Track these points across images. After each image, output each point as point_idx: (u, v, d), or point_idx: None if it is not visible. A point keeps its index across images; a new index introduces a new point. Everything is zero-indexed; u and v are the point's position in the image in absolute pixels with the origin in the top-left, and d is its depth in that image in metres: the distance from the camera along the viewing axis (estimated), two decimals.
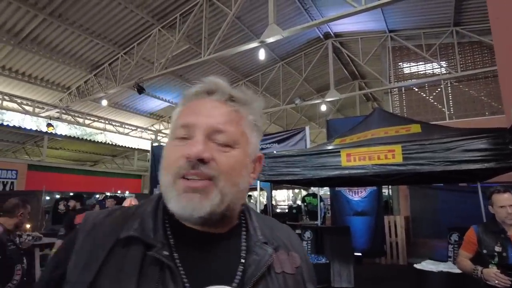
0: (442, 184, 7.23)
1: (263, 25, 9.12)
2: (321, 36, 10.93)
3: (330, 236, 5.80)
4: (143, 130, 15.38)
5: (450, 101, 9.60)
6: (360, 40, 10.57)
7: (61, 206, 10.37)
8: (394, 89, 10.22)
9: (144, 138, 15.80)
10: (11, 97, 10.82)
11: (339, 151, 4.03)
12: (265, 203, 9.16)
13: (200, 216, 0.59)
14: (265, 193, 11.17)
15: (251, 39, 9.43)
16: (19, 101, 11.09)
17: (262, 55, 8.12)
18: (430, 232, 7.38)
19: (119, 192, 12.56)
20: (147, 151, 14.91)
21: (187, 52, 10.01)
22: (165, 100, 13.19)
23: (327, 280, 4.42)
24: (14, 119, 20.26)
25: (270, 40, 6.49)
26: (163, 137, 16.13)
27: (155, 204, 0.67)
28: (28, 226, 6.26)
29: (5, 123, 12.54)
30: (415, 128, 4.48)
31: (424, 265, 3.75)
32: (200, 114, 0.64)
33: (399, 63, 10.41)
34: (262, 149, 9.00)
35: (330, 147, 4.33)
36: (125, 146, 15.39)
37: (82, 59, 9.97)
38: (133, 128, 14.99)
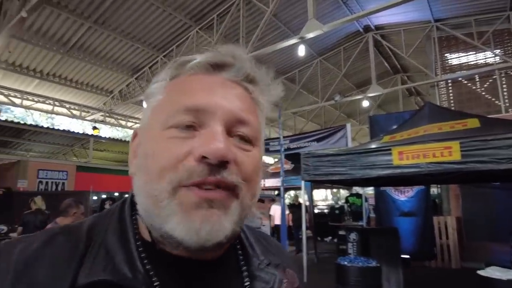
0: (498, 183, 6.67)
1: (300, 21, 8.95)
2: (361, 30, 10.53)
3: (377, 238, 5.53)
4: None
5: (505, 92, 8.85)
6: (403, 31, 10.05)
7: (107, 206, 10.85)
8: (441, 82, 9.60)
9: None
10: (61, 103, 11.47)
11: (390, 149, 3.80)
12: (302, 202, 8.99)
13: (218, 242, 0.41)
14: (301, 192, 10.98)
15: (288, 36, 9.27)
16: (67, 106, 11.74)
17: (301, 51, 7.96)
18: (487, 235, 6.85)
19: None
20: None
21: None
22: None
23: (378, 285, 4.19)
24: (62, 123, 21.58)
25: (310, 35, 6.31)
26: None
27: (120, 224, 0.46)
28: None
29: (55, 127, 13.33)
30: (473, 123, 4.14)
31: (490, 271, 3.42)
32: (213, 94, 0.44)
33: (446, 54, 9.76)
34: (300, 148, 8.84)
35: (379, 145, 4.10)
36: None
37: (123, 63, 10.35)
38: None
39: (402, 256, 5.98)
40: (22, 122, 12.25)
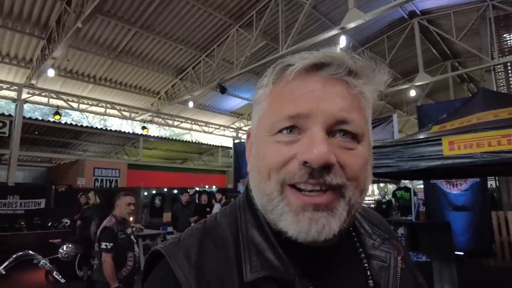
0: None
1: (340, 11, 8.75)
2: (405, 16, 10.03)
3: (427, 233, 5.30)
4: (225, 128, 16.08)
5: None
6: (453, 14, 9.41)
7: (157, 201, 11.46)
8: (498, 66, 8.88)
9: (226, 136, 16.53)
10: (112, 105, 12.24)
11: (440, 139, 3.61)
12: None
13: (328, 239, 0.46)
14: None
15: (328, 27, 9.10)
16: (118, 107, 12.50)
17: (343, 42, 7.77)
18: None
19: (207, 187, 13.36)
20: (229, 148, 15.60)
21: (264, 49, 10.12)
22: (244, 98, 13.57)
23: (428, 280, 4.02)
24: (114, 124, 23.03)
25: (352, 25, 6.16)
26: (243, 134, 16.66)
27: (256, 222, 0.51)
28: (131, 219, 7.04)
29: (108, 128, 14.28)
30: None
31: None
32: (313, 98, 0.46)
33: (505, 35, 8.99)
34: None
35: (428, 135, 3.92)
36: (210, 144, 16.32)
37: (168, 65, 10.79)
38: (216, 127, 15.77)
39: (456, 252, 5.68)
40: (79, 124, 13.28)
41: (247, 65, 8.72)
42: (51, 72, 8.37)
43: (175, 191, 12.40)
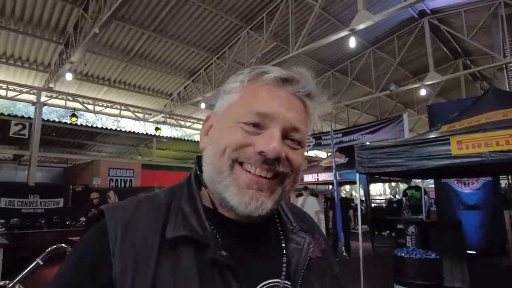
0: None
1: (349, 12, 8.81)
2: (415, 15, 10.02)
3: (438, 232, 5.34)
4: None
5: None
6: (464, 12, 9.38)
7: None
8: (511, 64, 8.82)
9: None
10: (126, 107, 12.54)
11: (448, 139, 3.70)
12: (359, 198, 8.86)
13: (260, 215, 0.56)
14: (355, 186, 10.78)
15: (338, 28, 9.18)
16: (132, 109, 12.79)
17: (352, 43, 7.84)
18: None
19: None
20: None
21: (274, 50, 10.25)
22: None
23: (438, 277, 4.08)
24: (127, 125, 23.46)
25: (361, 26, 6.24)
26: None
27: (190, 195, 0.61)
28: None
29: (122, 130, 14.59)
30: None
31: None
32: (280, 106, 0.57)
33: None
34: (353, 140, 8.73)
35: (436, 135, 3.99)
36: None
37: (181, 67, 11.02)
38: None
39: (468, 251, 5.70)
40: (94, 126, 13.61)
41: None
42: (69, 76, 8.68)
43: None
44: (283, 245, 0.64)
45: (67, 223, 9.12)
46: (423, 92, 11.27)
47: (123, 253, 0.51)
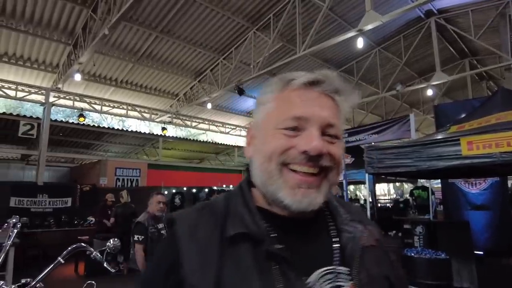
0: None
1: (356, 12, 8.83)
2: (422, 15, 10.01)
3: (446, 232, 5.35)
4: (241, 128, 16.31)
5: None
6: (471, 12, 9.35)
7: (177, 200, 11.75)
8: None
9: (242, 136, 16.76)
10: (133, 107, 12.62)
11: (458, 139, 3.70)
12: (364, 197, 8.89)
13: (313, 209, 0.62)
14: (361, 186, 10.78)
15: (344, 28, 9.20)
16: (139, 109, 12.87)
17: (360, 43, 7.86)
18: None
19: (224, 186, 13.59)
20: None
21: (280, 50, 10.28)
22: None
23: (448, 277, 4.10)
24: (132, 125, 23.60)
25: (369, 27, 6.25)
26: None
27: (243, 198, 0.67)
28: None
29: (129, 130, 14.69)
30: None
31: None
32: (313, 107, 0.62)
33: None
34: (359, 140, 8.74)
35: (446, 136, 4.00)
36: (226, 144, 16.58)
37: (187, 67, 11.07)
38: (232, 127, 16.02)
39: (475, 252, 5.70)
40: (101, 125, 13.71)
41: (264, 67, 8.90)
42: (78, 77, 8.77)
43: (194, 190, 12.67)
44: (335, 234, 0.68)
45: (75, 222, 9.22)
46: (429, 92, 11.24)
47: (190, 254, 0.60)
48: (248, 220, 0.63)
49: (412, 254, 4.16)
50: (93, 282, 2.08)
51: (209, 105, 11.57)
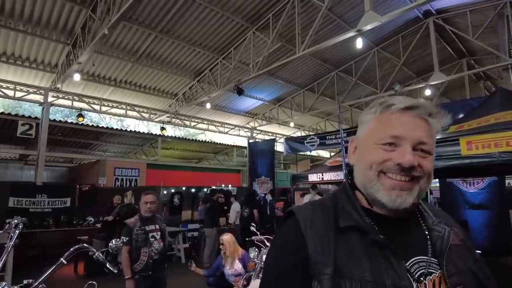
0: None
1: (355, 12, 8.85)
2: (421, 16, 10.05)
3: None
4: (240, 128, 16.32)
5: None
6: (469, 12, 9.40)
7: (176, 200, 11.75)
8: None
9: (241, 136, 16.76)
10: (132, 107, 12.61)
11: (457, 139, 3.73)
12: None
13: (405, 208, 0.75)
14: None
15: (343, 28, 9.23)
16: (137, 109, 12.86)
17: (359, 44, 7.88)
18: None
19: (223, 185, 13.59)
20: (244, 147, 15.83)
21: (279, 50, 10.29)
22: (259, 99, 13.78)
23: None
24: (131, 125, 23.58)
25: (368, 27, 6.27)
26: (257, 133, 16.84)
27: (349, 198, 0.83)
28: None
29: (128, 129, 14.66)
30: None
31: None
32: (408, 128, 0.76)
33: None
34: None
35: (445, 136, 4.03)
36: (225, 144, 16.57)
37: (186, 67, 11.07)
38: (231, 127, 16.02)
39: None
40: (100, 125, 13.69)
41: (264, 67, 8.92)
42: (77, 77, 8.75)
43: (193, 190, 12.67)
44: (426, 233, 0.82)
45: (74, 222, 9.20)
46: (427, 92, 11.29)
47: (313, 238, 0.76)
48: (356, 216, 0.78)
49: None
50: (94, 282, 2.10)
51: (208, 105, 11.57)
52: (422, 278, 0.74)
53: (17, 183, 10.35)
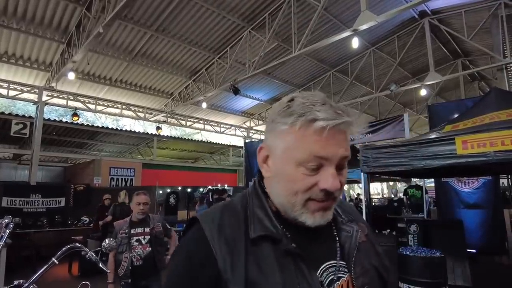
0: None
1: (351, 12, 8.88)
2: (416, 16, 10.09)
3: (439, 231, 5.41)
4: (236, 128, 16.29)
5: None
6: (464, 13, 9.45)
7: (172, 199, 11.70)
8: (511, 65, 8.90)
9: (237, 136, 16.74)
10: (128, 106, 12.53)
11: (453, 138, 3.74)
12: (364, 197, 8.93)
13: (325, 223, 0.73)
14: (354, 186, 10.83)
15: (338, 28, 9.25)
16: (133, 108, 12.79)
17: (355, 43, 7.90)
18: None
19: (219, 185, 13.57)
20: (240, 147, 15.80)
21: (275, 50, 10.29)
22: (255, 99, 13.77)
23: (443, 276, 4.14)
24: (126, 124, 23.47)
25: (364, 27, 6.28)
26: (254, 133, 16.83)
27: (262, 204, 0.76)
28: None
29: (123, 129, 14.57)
30: None
31: None
32: (332, 146, 0.67)
33: None
34: (353, 140, 8.78)
35: (441, 135, 4.04)
36: (221, 144, 16.53)
37: (182, 67, 11.02)
38: (227, 126, 15.99)
39: (468, 250, 5.77)
40: (95, 125, 13.59)
41: (260, 66, 8.90)
42: (71, 75, 8.67)
43: (189, 190, 12.63)
44: (335, 233, 0.80)
45: (69, 222, 9.13)
46: (423, 92, 11.34)
47: (221, 249, 0.69)
48: (267, 223, 0.72)
49: (408, 252, 4.19)
50: (87, 282, 2.06)
51: (204, 105, 11.54)
52: (332, 286, 0.72)
53: (10, 183, 10.23)
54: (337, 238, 0.79)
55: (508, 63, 8.77)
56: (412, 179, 9.80)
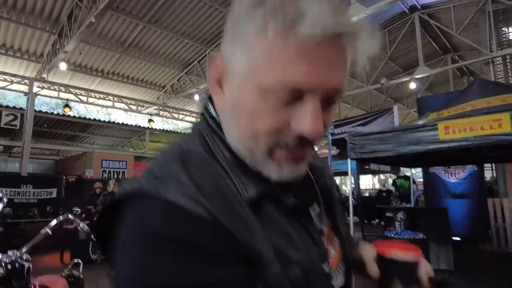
0: None
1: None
2: (406, 10, 10.24)
3: (425, 218, 5.59)
4: None
5: None
6: (453, 8, 9.63)
7: None
8: (497, 58, 9.10)
9: None
10: (120, 98, 12.51)
11: (435, 124, 3.88)
12: (350, 187, 9.11)
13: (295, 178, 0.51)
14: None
15: None
16: (125, 101, 12.77)
17: None
18: None
19: None
20: None
21: None
22: None
23: (425, 257, 4.29)
24: (118, 117, 23.34)
25: (353, 19, 6.37)
26: None
27: (226, 145, 0.51)
28: None
29: (116, 122, 14.52)
30: None
31: None
32: (320, 70, 0.42)
33: (503, 28, 9.20)
34: (344, 132, 8.94)
35: (425, 121, 4.18)
36: None
37: (174, 59, 11.05)
38: None
39: (453, 238, 5.96)
40: (87, 117, 13.54)
41: None
42: (63, 66, 8.66)
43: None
44: (309, 172, 0.64)
45: (61, 213, 9.13)
46: (412, 85, 11.53)
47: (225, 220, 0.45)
48: (255, 177, 0.50)
49: (392, 235, 4.35)
50: (79, 261, 2.14)
51: (196, 97, 11.59)
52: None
53: (0, 174, 10.19)
54: (312, 177, 0.63)
55: (495, 57, 8.98)
56: (401, 168, 9.99)
